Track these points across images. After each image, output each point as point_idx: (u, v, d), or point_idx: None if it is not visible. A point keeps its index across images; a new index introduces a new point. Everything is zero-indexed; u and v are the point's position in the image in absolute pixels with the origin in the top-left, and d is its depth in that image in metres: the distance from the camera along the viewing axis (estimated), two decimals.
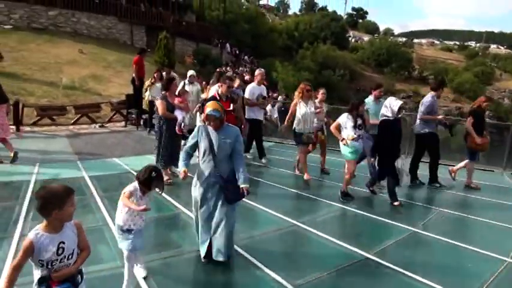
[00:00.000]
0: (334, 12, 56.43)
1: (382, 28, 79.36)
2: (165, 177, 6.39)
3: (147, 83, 10.89)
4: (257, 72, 8.44)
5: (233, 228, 3.76)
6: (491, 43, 78.42)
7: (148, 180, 3.19)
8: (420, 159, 7.33)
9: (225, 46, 33.38)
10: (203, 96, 8.63)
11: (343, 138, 5.88)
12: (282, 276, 3.57)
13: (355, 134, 5.86)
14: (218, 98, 6.32)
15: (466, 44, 73.76)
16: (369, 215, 5.47)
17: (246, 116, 7.98)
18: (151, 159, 7.97)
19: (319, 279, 3.60)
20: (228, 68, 23.77)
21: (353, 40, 57.16)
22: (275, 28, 43.35)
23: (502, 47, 73.96)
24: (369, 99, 7.00)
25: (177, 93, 6.74)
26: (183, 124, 6.41)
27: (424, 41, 76.31)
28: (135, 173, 6.89)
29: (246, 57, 35.03)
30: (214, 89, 7.51)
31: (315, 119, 7.01)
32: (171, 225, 5.06)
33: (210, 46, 30.30)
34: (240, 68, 30.34)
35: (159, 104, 6.30)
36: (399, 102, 5.66)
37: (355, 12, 78.08)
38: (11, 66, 14.81)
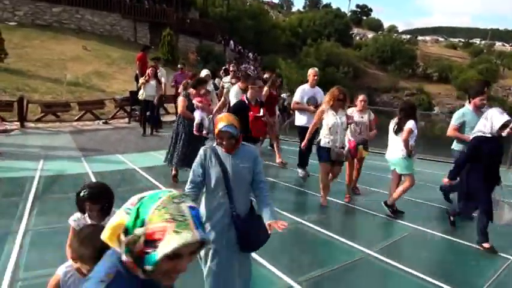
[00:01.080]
0: (338, 9, 56.31)
1: (386, 25, 79.11)
2: (174, 172, 6.28)
3: (141, 80, 10.02)
4: (310, 71, 6.95)
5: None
6: (496, 40, 77.94)
7: (78, 202, 2.37)
8: None
9: (229, 43, 33.33)
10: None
11: (411, 151, 5.08)
12: (285, 272, 3.58)
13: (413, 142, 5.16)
14: (246, 102, 5.51)
15: (470, 41, 73.29)
16: (372, 212, 5.46)
17: (296, 123, 7.03)
18: (154, 156, 8.03)
19: (321, 276, 3.61)
20: (232, 65, 23.73)
21: (357, 37, 56.95)
22: (278, 25, 43.25)
23: (507, 45, 73.51)
24: (467, 109, 5.40)
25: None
26: (201, 125, 6.11)
27: (428, 38, 75.96)
28: (138, 170, 6.97)
29: (250, 54, 34.98)
30: (234, 90, 6.73)
31: (348, 132, 5.80)
32: None
33: (213, 43, 30.28)
34: (244, 65, 30.32)
35: (179, 101, 6.01)
36: (505, 118, 4.25)
37: (359, 9, 77.77)
38: (15, 63, 14.86)
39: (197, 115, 6.07)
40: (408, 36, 63.98)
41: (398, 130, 5.23)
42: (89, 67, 17.28)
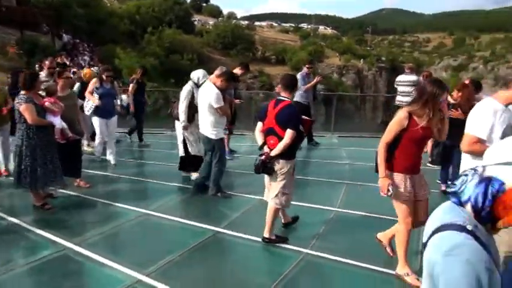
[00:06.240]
0: None
1: (225, 12, 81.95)
2: (39, 203, 5.02)
3: None
4: None
5: None
6: (320, 25, 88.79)
7: None
8: None
9: (62, 36, 29.92)
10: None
11: None
12: (132, 268, 3.44)
13: None
14: None
15: (299, 26, 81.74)
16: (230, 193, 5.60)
17: None
18: None
19: (171, 262, 3.59)
20: (63, 57, 21.33)
21: (199, 24, 57.60)
22: (115, 13, 40.54)
23: (328, 28, 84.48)
24: None
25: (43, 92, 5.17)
26: (62, 129, 5.13)
27: (264, 23, 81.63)
28: None
29: (85, 44, 32.01)
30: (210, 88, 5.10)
31: None
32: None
33: (39, 34, 26.76)
34: (79, 57, 27.69)
35: (24, 110, 4.62)
36: None
37: None
38: None
39: (56, 120, 5.03)
40: (246, 22, 67.72)
41: None
42: None
